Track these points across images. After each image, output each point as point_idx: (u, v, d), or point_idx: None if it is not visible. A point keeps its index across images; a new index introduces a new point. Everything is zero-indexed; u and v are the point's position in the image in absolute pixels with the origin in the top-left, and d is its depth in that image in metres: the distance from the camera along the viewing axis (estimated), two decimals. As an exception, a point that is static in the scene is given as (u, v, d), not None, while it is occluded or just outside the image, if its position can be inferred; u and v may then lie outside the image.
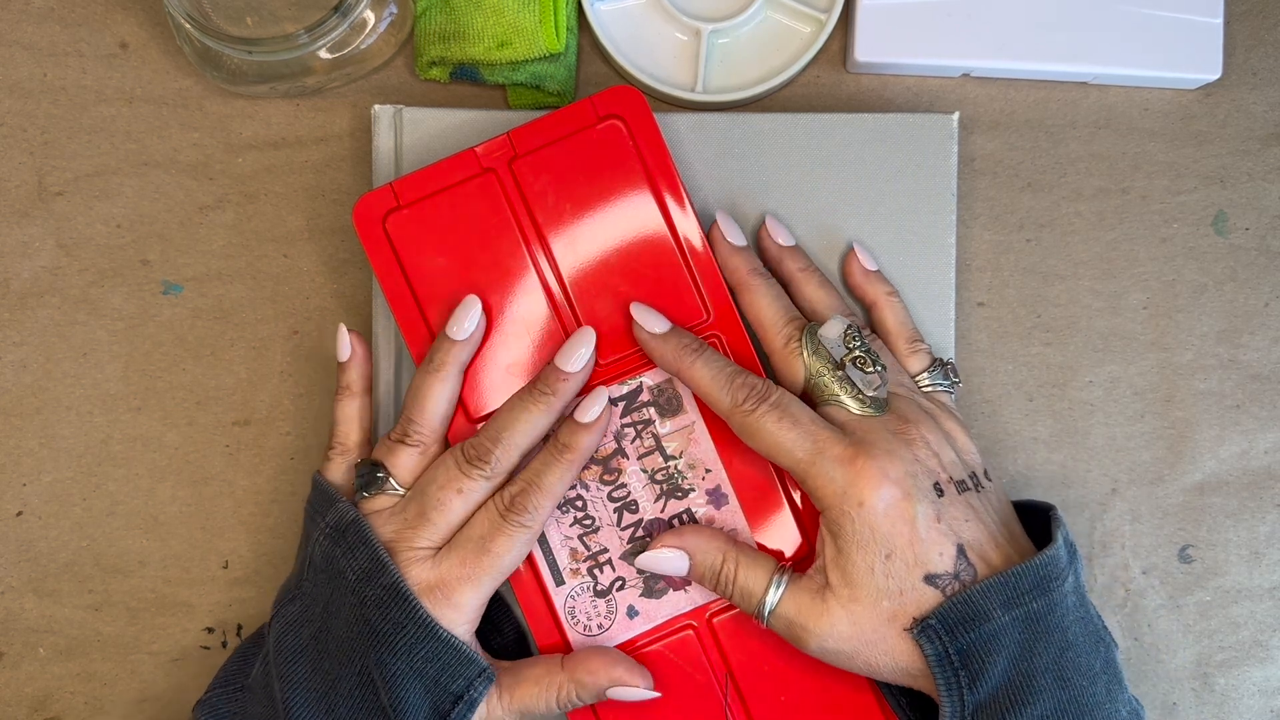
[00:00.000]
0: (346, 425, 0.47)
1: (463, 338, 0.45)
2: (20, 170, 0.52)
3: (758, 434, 0.43)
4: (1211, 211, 0.52)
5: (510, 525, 0.44)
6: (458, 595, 0.43)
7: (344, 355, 0.47)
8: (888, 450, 0.42)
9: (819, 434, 0.42)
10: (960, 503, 0.42)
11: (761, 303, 0.46)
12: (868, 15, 0.50)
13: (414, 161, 0.49)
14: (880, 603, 0.41)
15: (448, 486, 0.44)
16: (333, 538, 0.44)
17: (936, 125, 0.50)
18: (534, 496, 0.44)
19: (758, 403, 0.43)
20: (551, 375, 0.45)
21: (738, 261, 0.47)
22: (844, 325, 0.45)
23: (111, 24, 0.53)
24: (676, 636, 0.47)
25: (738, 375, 0.44)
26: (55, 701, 0.51)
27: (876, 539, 0.41)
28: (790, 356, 0.45)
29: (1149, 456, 0.52)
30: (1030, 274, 0.52)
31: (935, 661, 0.40)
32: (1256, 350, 0.52)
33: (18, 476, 0.52)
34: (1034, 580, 0.40)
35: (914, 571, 0.41)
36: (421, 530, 0.44)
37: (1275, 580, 0.52)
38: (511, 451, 0.44)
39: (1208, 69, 0.51)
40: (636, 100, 0.47)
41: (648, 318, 0.45)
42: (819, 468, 0.42)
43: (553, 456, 0.45)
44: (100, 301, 0.52)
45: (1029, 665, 0.40)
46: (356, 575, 0.43)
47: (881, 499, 0.41)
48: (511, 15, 0.49)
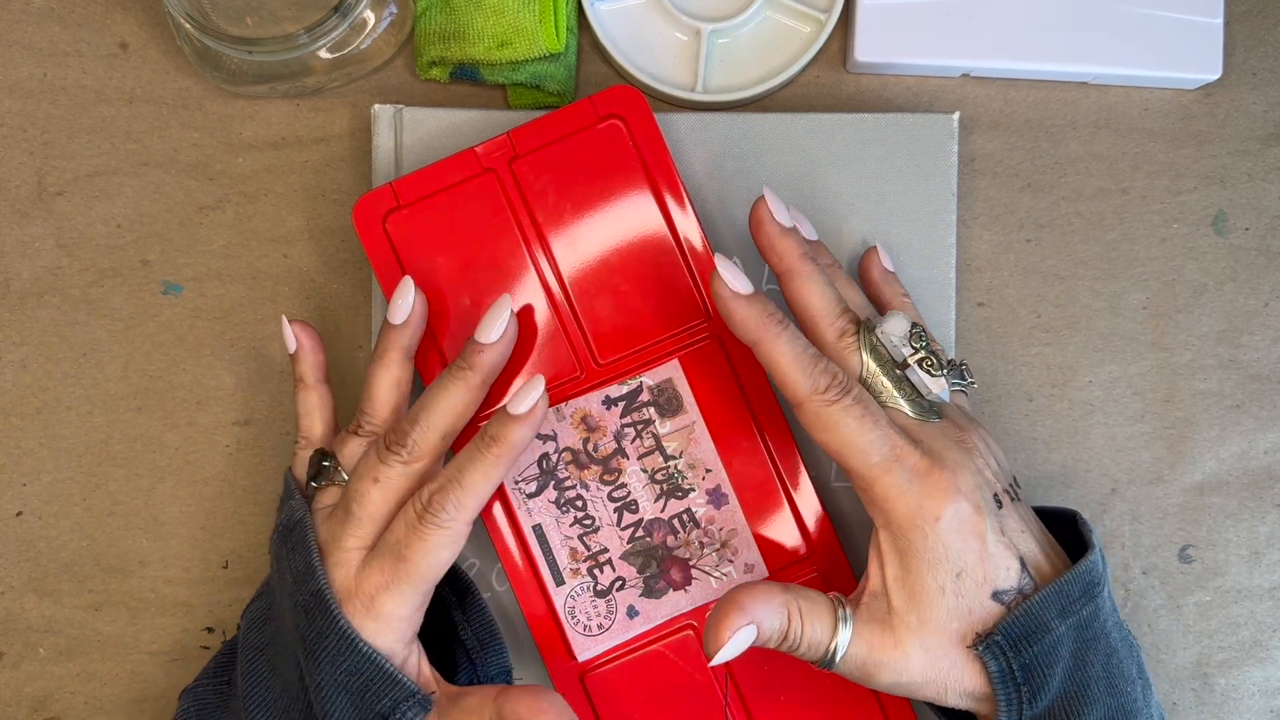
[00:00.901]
0: (307, 418, 0.46)
1: (398, 321, 0.44)
2: (20, 170, 0.52)
3: (835, 428, 0.39)
4: (1211, 211, 0.52)
5: (426, 527, 0.40)
6: (379, 605, 0.40)
7: (290, 347, 0.46)
8: (956, 461, 0.39)
9: (896, 439, 0.39)
10: (1014, 513, 0.40)
11: (813, 290, 0.42)
12: (868, 15, 0.50)
13: (414, 161, 0.49)
14: (950, 625, 0.38)
15: (366, 476, 0.42)
16: (281, 536, 0.43)
17: (936, 125, 0.50)
18: (453, 494, 0.40)
19: (841, 394, 0.39)
20: (469, 348, 0.43)
21: (787, 245, 0.42)
22: (909, 323, 0.41)
23: (111, 24, 0.53)
24: (676, 636, 0.47)
25: (819, 359, 0.39)
26: (55, 701, 0.51)
27: (949, 557, 0.38)
28: (844, 352, 0.41)
29: (1149, 456, 0.52)
30: (1030, 274, 0.52)
31: (999, 678, 0.38)
32: (1256, 350, 0.52)
33: (18, 476, 0.52)
34: (1082, 587, 0.39)
35: (983, 589, 0.39)
36: (348, 527, 0.42)
37: (1275, 580, 0.52)
38: (429, 433, 0.42)
39: (1208, 69, 0.51)
40: (636, 100, 0.47)
41: (733, 275, 0.40)
42: (894, 476, 0.38)
43: (477, 450, 0.41)
44: (100, 301, 0.52)
45: (1083, 675, 0.39)
46: (294, 578, 0.42)
47: (956, 514, 0.38)
48: (511, 15, 0.49)
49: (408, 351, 0.44)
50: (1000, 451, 0.43)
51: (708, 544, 0.47)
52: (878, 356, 0.41)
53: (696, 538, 0.47)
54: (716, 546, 0.47)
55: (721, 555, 0.47)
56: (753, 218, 0.43)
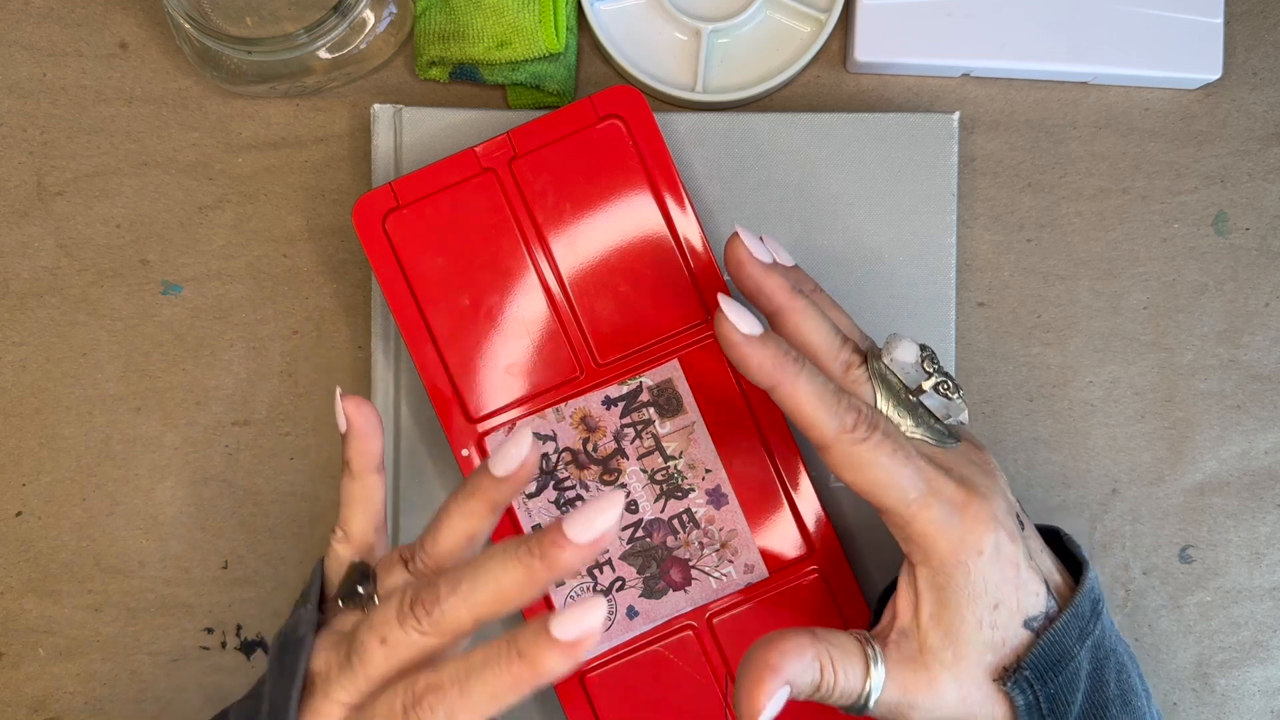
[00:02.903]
0: (347, 509, 0.40)
1: (503, 473, 0.36)
2: (20, 170, 0.52)
3: (867, 467, 0.36)
4: (1212, 211, 0.52)
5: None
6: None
7: (341, 427, 0.40)
8: (988, 488, 0.37)
9: (930, 472, 0.37)
10: (1033, 534, 0.39)
11: (810, 326, 0.39)
12: (868, 15, 0.50)
13: (414, 161, 0.49)
14: (984, 658, 0.37)
15: (375, 630, 0.35)
16: (280, 645, 0.37)
17: (937, 125, 0.50)
18: (447, 700, 0.33)
19: (870, 430, 0.36)
20: (546, 538, 0.33)
21: (774, 284, 0.39)
22: (917, 347, 0.39)
23: (111, 24, 0.53)
24: (676, 636, 0.47)
25: (842, 395, 0.37)
26: (55, 701, 0.51)
27: (989, 589, 0.36)
28: (855, 386, 0.39)
29: (1149, 457, 0.52)
30: (1030, 274, 0.52)
31: (1025, 712, 0.37)
32: (1257, 350, 0.52)
33: (18, 476, 0.52)
34: (1091, 605, 0.38)
35: (1016, 618, 0.37)
36: (344, 676, 0.35)
37: (1276, 580, 0.52)
38: (462, 610, 0.34)
39: (1208, 69, 0.51)
40: (636, 100, 0.47)
41: (740, 317, 0.37)
42: (933, 511, 0.36)
43: (499, 661, 0.33)
44: (100, 301, 0.52)
45: (1101, 695, 0.38)
46: (268, 707, 0.36)
47: (996, 544, 0.36)
48: (511, 15, 0.49)
49: (497, 508, 0.37)
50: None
51: (708, 544, 0.47)
52: (889, 386, 0.39)
53: (696, 538, 0.47)
54: (716, 547, 0.47)
55: (721, 555, 0.47)
56: (729, 259, 0.40)
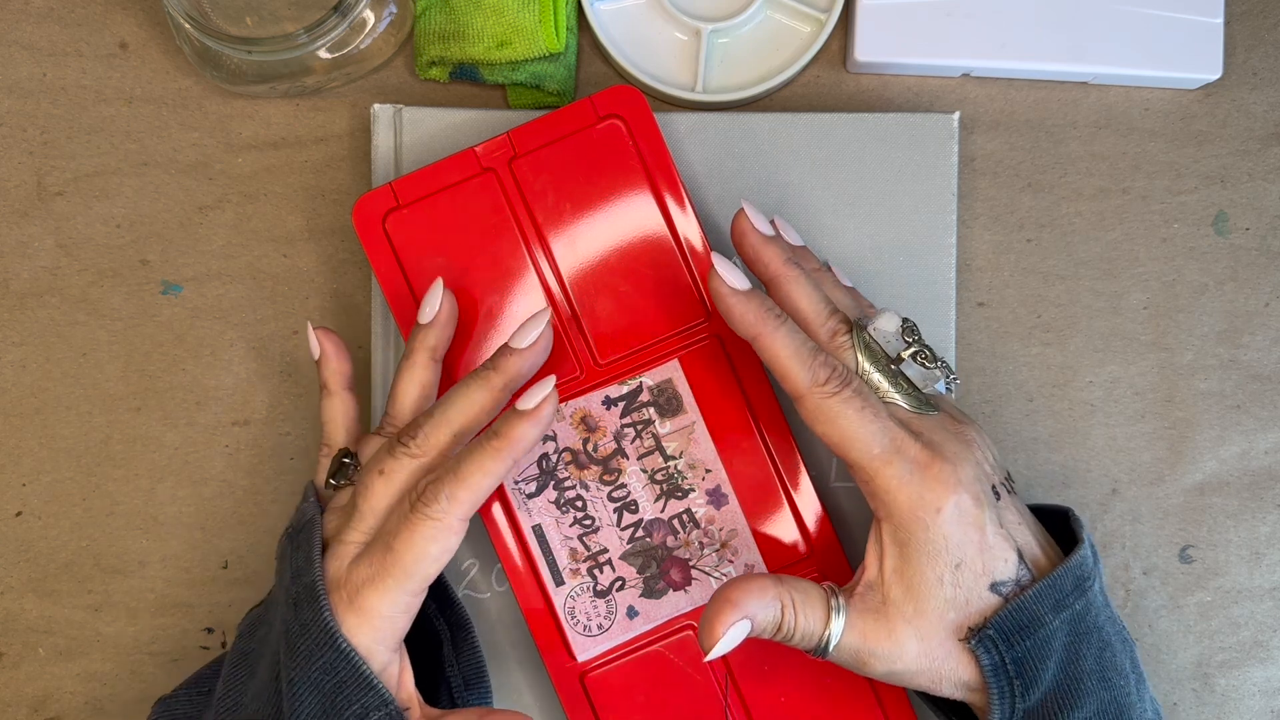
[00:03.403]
0: (330, 425, 0.45)
1: (425, 320, 0.44)
2: (20, 170, 0.52)
3: (835, 420, 0.39)
4: (1212, 211, 0.52)
5: (416, 517, 0.39)
6: (362, 598, 0.39)
7: (315, 354, 0.46)
8: (956, 453, 0.39)
9: (896, 431, 0.39)
10: (1011, 505, 0.41)
11: (800, 294, 0.42)
12: (868, 15, 0.50)
13: (414, 161, 0.49)
14: (946, 615, 0.39)
15: (371, 469, 0.41)
16: (290, 536, 0.42)
17: (937, 125, 0.50)
18: (447, 485, 0.39)
19: (841, 385, 0.39)
20: (499, 352, 0.42)
21: (771, 252, 0.42)
22: (899, 319, 0.42)
23: (111, 24, 0.53)
24: (676, 637, 0.47)
25: (819, 352, 0.40)
26: (55, 701, 0.51)
27: (950, 548, 0.39)
28: (839, 352, 0.41)
29: (1149, 457, 0.52)
30: (1030, 274, 0.52)
31: (991, 671, 0.38)
32: (1257, 350, 0.52)
33: (18, 476, 0.52)
34: (1074, 581, 0.40)
35: (981, 581, 0.39)
36: (352, 521, 0.41)
37: (1276, 580, 0.52)
38: (441, 429, 0.41)
39: (1208, 69, 0.51)
40: (636, 100, 0.47)
41: (730, 272, 0.41)
42: (895, 468, 0.39)
43: (479, 444, 0.40)
44: (100, 301, 0.52)
45: (1076, 668, 0.39)
46: (291, 573, 0.40)
47: (957, 505, 0.39)
48: (511, 15, 0.49)
49: (434, 353, 0.44)
50: (993, 445, 0.43)
51: (708, 544, 0.47)
52: (871, 354, 0.41)
53: (696, 538, 0.47)
54: (716, 547, 0.47)
55: (721, 555, 0.47)
56: (734, 230, 0.43)
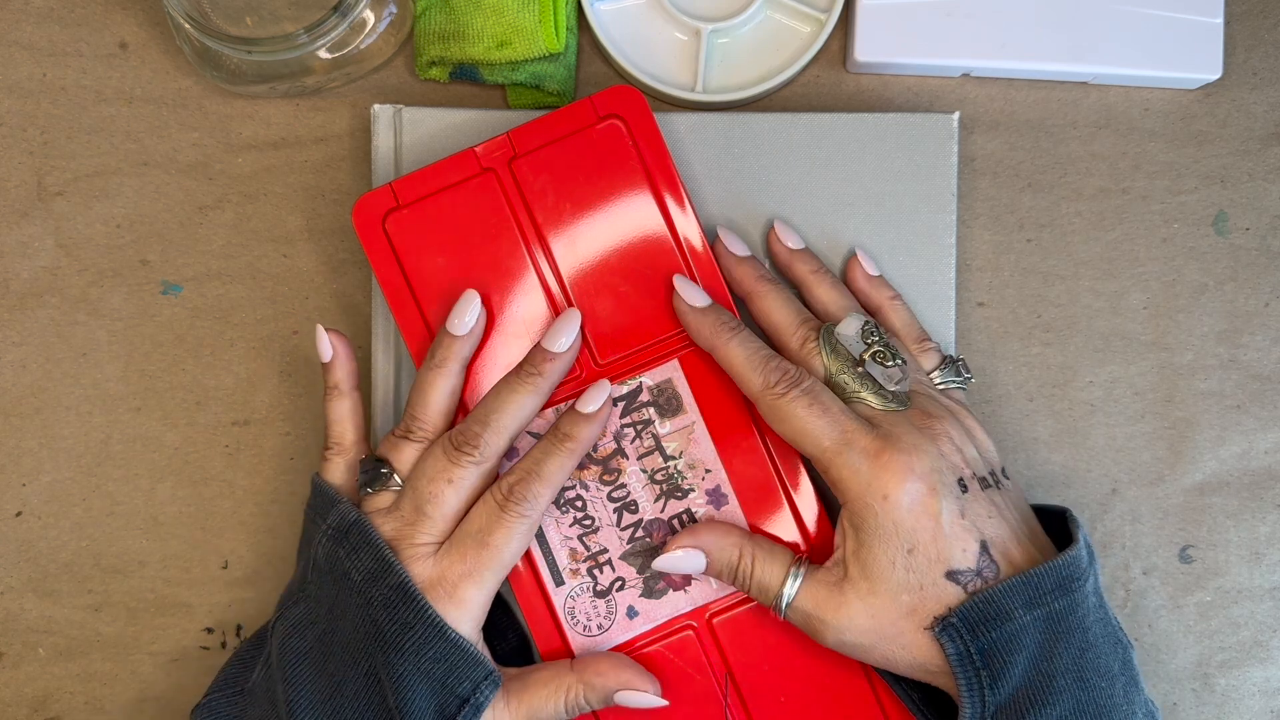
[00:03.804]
0: (340, 425, 0.47)
1: (463, 332, 0.45)
2: (20, 170, 0.52)
3: (787, 418, 0.42)
4: (1212, 211, 0.52)
5: (509, 515, 0.43)
6: (461, 591, 0.43)
7: (326, 355, 0.47)
8: (914, 444, 0.42)
9: (847, 424, 0.42)
10: (983, 499, 0.42)
11: (772, 306, 0.46)
12: (868, 15, 0.50)
13: (414, 161, 0.49)
14: (900, 597, 0.41)
15: (438, 478, 0.44)
16: (335, 539, 0.44)
17: (936, 125, 0.50)
18: (532, 485, 0.44)
19: (789, 387, 0.43)
20: (538, 356, 0.45)
21: (744, 270, 0.47)
22: (860, 321, 0.44)
23: (111, 24, 0.53)
24: (676, 637, 0.47)
25: (772, 358, 0.43)
26: (55, 701, 0.51)
27: (900, 533, 0.41)
28: (808, 357, 0.44)
29: (1149, 457, 0.52)
30: (1030, 274, 0.52)
31: (956, 660, 0.40)
32: (1257, 350, 0.52)
33: (18, 476, 0.52)
34: (1056, 580, 0.40)
35: (936, 567, 0.41)
36: (420, 526, 0.44)
37: (1275, 580, 0.52)
38: (499, 435, 0.44)
39: (1208, 69, 0.51)
40: (636, 100, 0.47)
41: (689, 291, 0.45)
42: (845, 458, 0.42)
43: (552, 445, 0.45)
44: (100, 301, 0.52)
45: (1049, 666, 0.40)
46: (363, 576, 0.43)
47: (907, 493, 0.41)
48: (511, 15, 0.49)
49: (465, 361, 0.46)
50: (985, 440, 0.44)
51: (707, 544, 0.47)
52: (838, 357, 0.44)
53: (696, 538, 0.47)
54: (716, 547, 0.47)
55: (721, 555, 0.47)
56: (714, 252, 0.47)
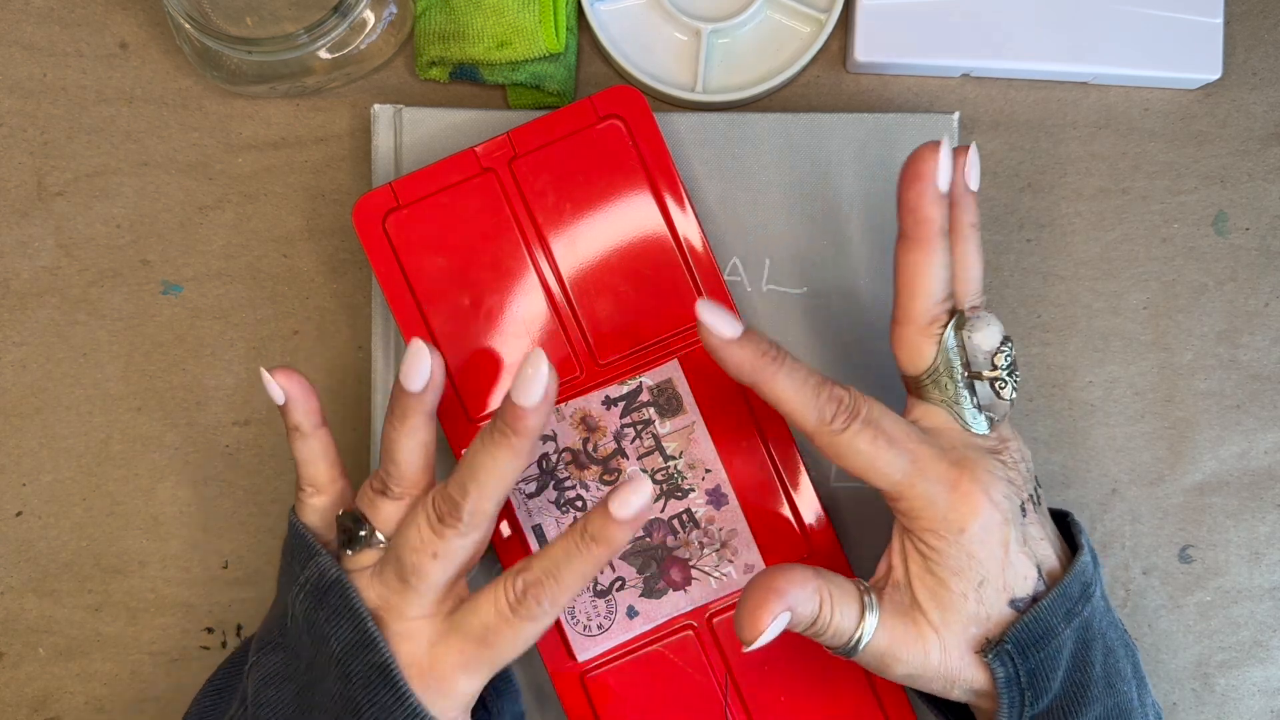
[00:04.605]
0: (311, 466, 0.43)
1: (417, 389, 0.41)
2: (20, 170, 0.52)
3: (850, 455, 0.39)
4: (1212, 211, 0.52)
5: (519, 620, 0.39)
6: (451, 684, 0.39)
7: (278, 400, 0.42)
8: (989, 471, 0.39)
9: (918, 451, 0.39)
10: (1036, 520, 0.41)
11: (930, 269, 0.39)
12: (868, 15, 0.50)
13: (414, 161, 0.49)
14: (969, 629, 0.39)
15: (422, 550, 0.40)
16: (314, 597, 0.41)
17: (936, 125, 0.50)
18: (549, 590, 0.39)
19: (849, 420, 0.38)
20: (509, 413, 0.39)
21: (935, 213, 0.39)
22: (1000, 338, 0.40)
23: (111, 24, 0.53)
24: (676, 637, 0.47)
25: (823, 387, 0.39)
26: (55, 701, 0.51)
27: (974, 565, 0.39)
28: (925, 339, 0.40)
29: (1149, 456, 0.52)
30: (1030, 274, 0.52)
31: (1004, 684, 0.38)
32: (1257, 350, 0.52)
33: (18, 476, 0.52)
34: (1080, 588, 0.40)
35: (1002, 596, 0.39)
36: (408, 599, 0.40)
37: (1275, 580, 0.52)
38: (483, 502, 0.40)
39: (1208, 69, 0.51)
40: (636, 100, 0.47)
41: (719, 320, 0.39)
42: (919, 489, 0.38)
43: (578, 548, 0.39)
44: (100, 301, 0.52)
45: (1083, 675, 0.39)
46: (342, 647, 0.39)
47: (983, 525, 0.38)
48: (511, 15, 0.49)
49: (430, 414, 0.41)
50: (1029, 455, 0.42)
51: (707, 544, 0.47)
52: (954, 357, 0.40)
53: (696, 538, 0.47)
54: (716, 546, 0.47)
55: (721, 555, 0.47)
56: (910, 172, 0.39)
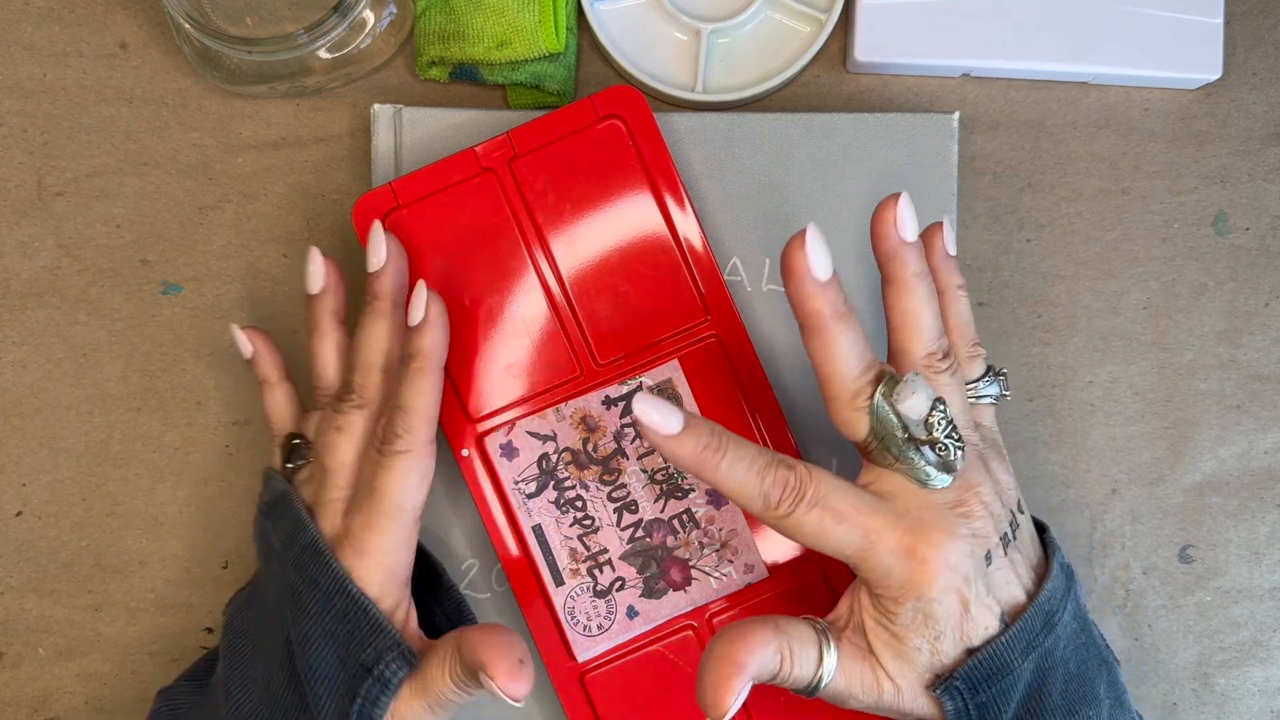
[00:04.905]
0: (277, 414, 0.47)
1: (315, 290, 0.46)
2: (20, 170, 0.52)
3: (798, 535, 0.39)
4: (1212, 211, 0.52)
5: (386, 456, 0.42)
6: (363, 542, 0.41)
7: (246, 353, 0.47)
8: (948, 531, 0.38)
9: (868, 523, 0.38)
10: (1005, 565, 0.40)
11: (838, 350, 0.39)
12: (868, 15, 0.50)
13: (414, 161, 0.49)
14: (924, 676, 0.39)
15: (327, 430, 0.44)
16: (265, 512, 0.44)
17: (937, 125, 0.50)
18: (400, 419, 0.42)
19: (794, 503, 0.38)
20: (367, 282, 0.45)
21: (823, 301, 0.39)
22: (929, 404, 0.38)
23: (111, 24, 0.53)
24: (676, 637, 0.47)
25: (768, 470, 0.38)
26: (55, 701, 0.51)
27: (930, 624, 0.38)
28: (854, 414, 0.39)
29: (1149, 457, 0.52)
30: (1030, 274, 0.52)
31: (954, 716, 0.38)
32: (1257, 350, 0.52)
33: (18, 476, 0.52)
34: (1043, 619, 0.40)
35: (959, 646, 0.39)
36: (326, 482, 0.43)
37: (1275, 580, 0.52)
38: (369, 372, 0.44)
39: (1208, 69, 0.51)
40: (636, 100, 0.47)
41: (660, 416, 0.38)
42: (872, 561, 0.38)
43: (403, 373, 0.43)
44: (100, 301, 0.52)
45: (1039, 704, 0.39)
46: (281, 541, 0.43)
47: (940, 590, 0.38)
48: (511, 15, 0.49)
49: (337, 315, 0.46)
50: (1009, 479, 0.42)
51: (707, 544, 0.47)
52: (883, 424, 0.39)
53: (696, 538, 0.47)
54: (716, 547, 0.47)
55: (721, 555, 0.47)
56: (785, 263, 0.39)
